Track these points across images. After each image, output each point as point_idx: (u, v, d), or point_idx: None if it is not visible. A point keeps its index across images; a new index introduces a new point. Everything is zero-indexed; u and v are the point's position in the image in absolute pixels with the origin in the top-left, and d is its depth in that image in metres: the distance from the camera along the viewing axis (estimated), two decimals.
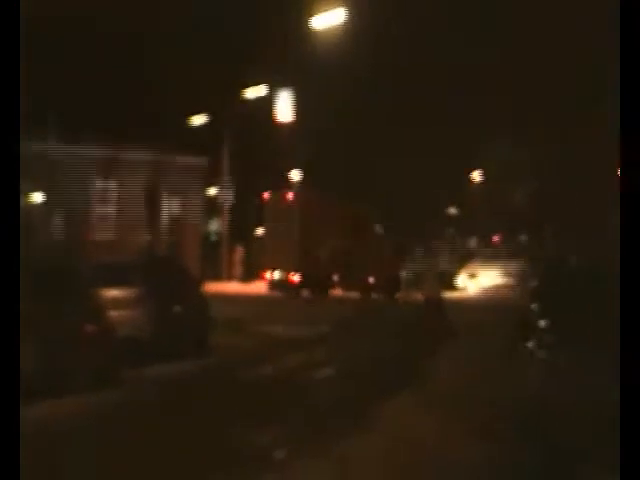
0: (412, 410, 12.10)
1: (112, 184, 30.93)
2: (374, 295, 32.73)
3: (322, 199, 33.94)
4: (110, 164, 31.44)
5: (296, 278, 31.72)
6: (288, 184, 61.94)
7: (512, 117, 59.92)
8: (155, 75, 34.94)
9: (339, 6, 35.76)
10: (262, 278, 33.46)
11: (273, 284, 32.49)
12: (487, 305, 29.32)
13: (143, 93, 34.24)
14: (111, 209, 31.40)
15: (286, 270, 32.03)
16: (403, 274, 37.20)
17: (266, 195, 33.80)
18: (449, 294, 36.18)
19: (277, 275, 32.23)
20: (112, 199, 31.47)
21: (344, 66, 48.96)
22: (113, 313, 14.59)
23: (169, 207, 35.64)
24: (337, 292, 32.42)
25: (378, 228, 34.87)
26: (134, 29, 34.17)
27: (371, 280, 32.83)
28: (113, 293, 15.40)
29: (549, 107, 58.91)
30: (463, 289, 37.57)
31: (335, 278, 32.26)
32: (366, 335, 20.44)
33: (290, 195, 32.80)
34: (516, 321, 10.76)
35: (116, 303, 15.33)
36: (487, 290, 35.81)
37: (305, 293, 31.80)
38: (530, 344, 10.18)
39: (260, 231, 61.99)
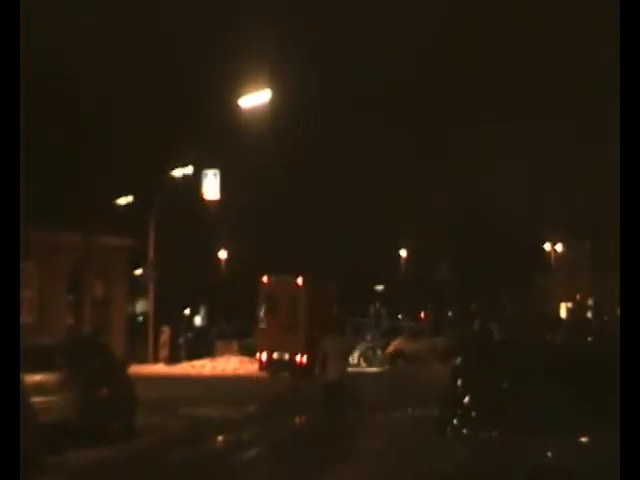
0: None
1: (34, 266, 30.44)
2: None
3: (317, 283, 35.44)
4: (33, 245, 31.10)
5: (304, 359, 32.54)
6: (218, 262, 61.77)
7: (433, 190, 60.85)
8: (79, 155, 34.91)
9: (265, 87, 36.36)
10: (258, 359, 34.30)
11: (270, 365, 33.02)
12: (414, 382, 29.47)
13: (66, 173, 34.13)
14: (33, 292, 30.80)
15: (292, 351, 32.71)
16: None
17: (265, 279, 34.46)
18: (376, 370, 36.35)
19: (276, 356, 32.80)
20: (34, 281, 30.93)
21: (271, 143, 49.50)
22: (37, 399, 14.36)
23: (94, 288, 35.32)
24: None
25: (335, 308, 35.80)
26: (60, 109, 34.20)
27: None
28: (36, 378, 15.17)
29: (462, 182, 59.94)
30: (390, 365, 37.73)
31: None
32: (292, 413, 20.41)
33: (300, 280, 33.85)
34: (441, 398, 10.83)
35: (40, 388, 15.10)
36: (414, 366, 36.01)
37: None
38: (455, 421, 10.23)
39: (187, 311, 61.37)
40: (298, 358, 32.65)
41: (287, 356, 32.94)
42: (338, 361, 17.37)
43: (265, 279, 34.43)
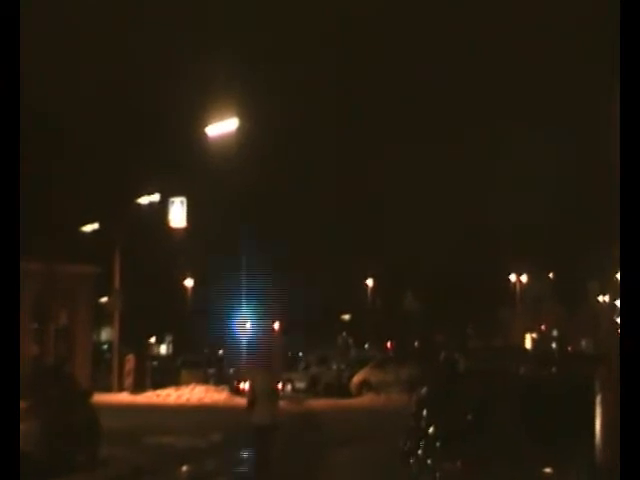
0: None
1: None
2: None
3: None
4: None
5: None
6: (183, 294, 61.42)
7: (402, 224, 61.09)
8: (45, 182, 34.75)
9: (232, 115, 36.42)
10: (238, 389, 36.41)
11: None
12: (380, 412, 29.43)
13: (31, 199, 33.91)
14: None
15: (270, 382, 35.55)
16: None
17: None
18: (343, 401, 36.23)
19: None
20: None
21: (238, 172, 49.57)
22: None
23: (58, 316, 35.05)
24: None
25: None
26: (24, 136, 34.05)
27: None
28: None
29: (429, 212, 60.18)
30: (357, 396, 37.63)
31: None
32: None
33: (277, 325, 39.32)
34: (405, 429, 10.85)
35: None
36: (381, 396, 35.92)
37: None
38: (420, 452, 10.26)
39: (153, 339, 60.88)
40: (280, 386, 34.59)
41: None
42: (268, 401, 14.35)
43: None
